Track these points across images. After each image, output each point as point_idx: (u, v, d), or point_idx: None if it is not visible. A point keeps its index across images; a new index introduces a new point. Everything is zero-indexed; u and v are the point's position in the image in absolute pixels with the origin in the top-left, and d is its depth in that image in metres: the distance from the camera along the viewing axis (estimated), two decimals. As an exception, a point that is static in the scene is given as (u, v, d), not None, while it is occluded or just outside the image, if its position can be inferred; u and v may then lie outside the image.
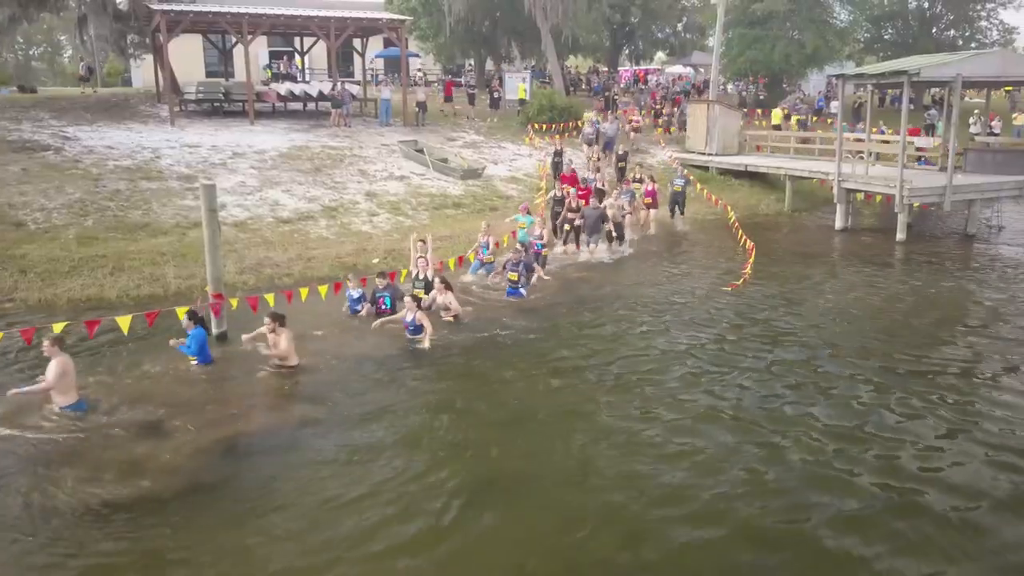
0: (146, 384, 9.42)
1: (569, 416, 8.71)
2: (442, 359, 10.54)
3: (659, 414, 8.71)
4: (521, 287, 13.25)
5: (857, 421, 8.49)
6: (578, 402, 9.09)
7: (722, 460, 7.65)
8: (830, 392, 9.33)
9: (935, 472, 7.44)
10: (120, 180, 18.90)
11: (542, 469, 7.55)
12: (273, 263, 15.22)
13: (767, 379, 9.72)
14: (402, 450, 7.86)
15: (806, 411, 8.76)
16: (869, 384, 9.54)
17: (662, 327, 11.92)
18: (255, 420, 8.64)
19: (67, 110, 25.71)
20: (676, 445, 7.96)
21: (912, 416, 8.64)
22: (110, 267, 14.20)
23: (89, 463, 7.53)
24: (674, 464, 7.57)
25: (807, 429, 8.29)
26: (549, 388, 9.53)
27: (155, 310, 10.41)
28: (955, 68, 17.77)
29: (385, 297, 12.05)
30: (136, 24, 28.53)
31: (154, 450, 7.78)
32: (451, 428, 8.45)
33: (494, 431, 8.35)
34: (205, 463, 7.63)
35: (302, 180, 20.58)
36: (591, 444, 8.01)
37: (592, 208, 16.62)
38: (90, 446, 7.87)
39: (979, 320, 12.42)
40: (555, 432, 8.32)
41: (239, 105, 27.04)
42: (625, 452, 7.82)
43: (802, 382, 9.63)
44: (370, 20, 27.64)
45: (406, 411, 8.83)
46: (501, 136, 28.34)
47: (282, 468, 7.51)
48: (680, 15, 49.72)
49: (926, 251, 17.75)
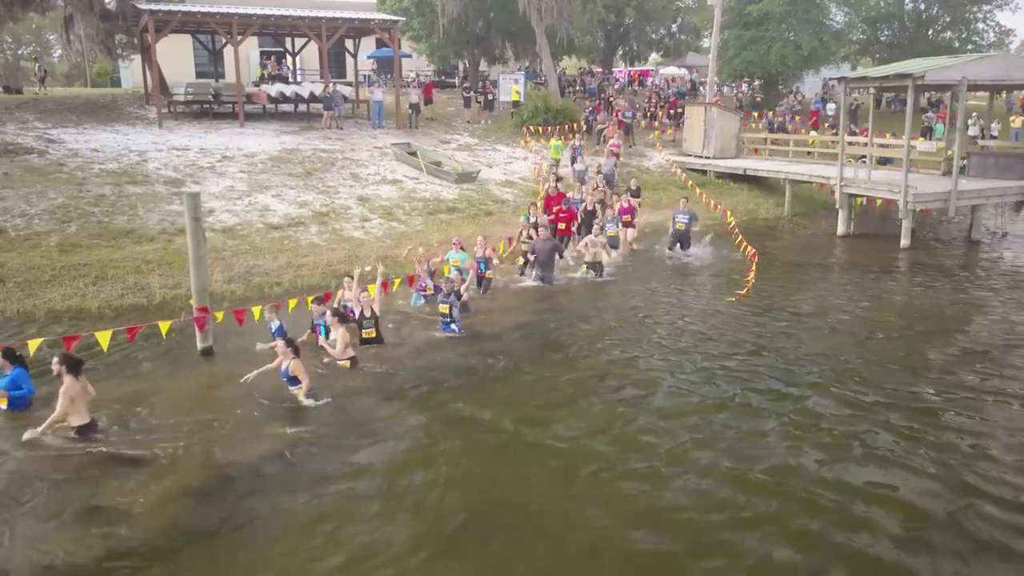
0: (126, 406, 8.87)
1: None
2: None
3: (655, 442, 8.26)
4: (454, 322, 11.48)
5: (860, 452, 8.02)
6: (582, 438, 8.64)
7: (719, 488, 7.22)
8: (843, 423, 8.84)
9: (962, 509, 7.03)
10: (105, 184, 18.40)
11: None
12: (262, 271, 14.75)
13: (775, 406, 9.25)
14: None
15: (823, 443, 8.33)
16: (886, 410, 9.10)
17: (667, 345, 11.46)
18: (233, 461, 7.82)
19: (53, 111, 25.21)
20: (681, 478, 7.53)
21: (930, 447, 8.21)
22: (93, 276, 13.71)
23: (55, 505, 6.97)
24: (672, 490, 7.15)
25: (824, 468, 7.80)
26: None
27: (136, 325, 9.94)
28: (959, 71, 17.41)
29: (320, 326, 10.67)
30: (124, 24, 28.02)
31: (134, 489, 7.20)
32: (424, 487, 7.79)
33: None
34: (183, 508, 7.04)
35: (293, 184, 20.10)
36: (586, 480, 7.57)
37: (543, 240, 14.37)
38: (61, 481, 7.32)
39: (1003, 341, 11.66)
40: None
41: (229, 107, 26.54)
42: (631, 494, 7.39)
43: (822, 415, 9.04)
44: (362, 21, 27.16)
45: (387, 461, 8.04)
46: (496, 139, 27.92)
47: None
48: (674, 16, 49.42)
49: (932, 260, 17.36)
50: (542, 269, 14.36)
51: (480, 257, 13.70)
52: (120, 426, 8.33)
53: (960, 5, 41.11)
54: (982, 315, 12.96)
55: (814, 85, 45.34)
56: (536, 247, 14.31)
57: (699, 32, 50.48)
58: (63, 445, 7.83)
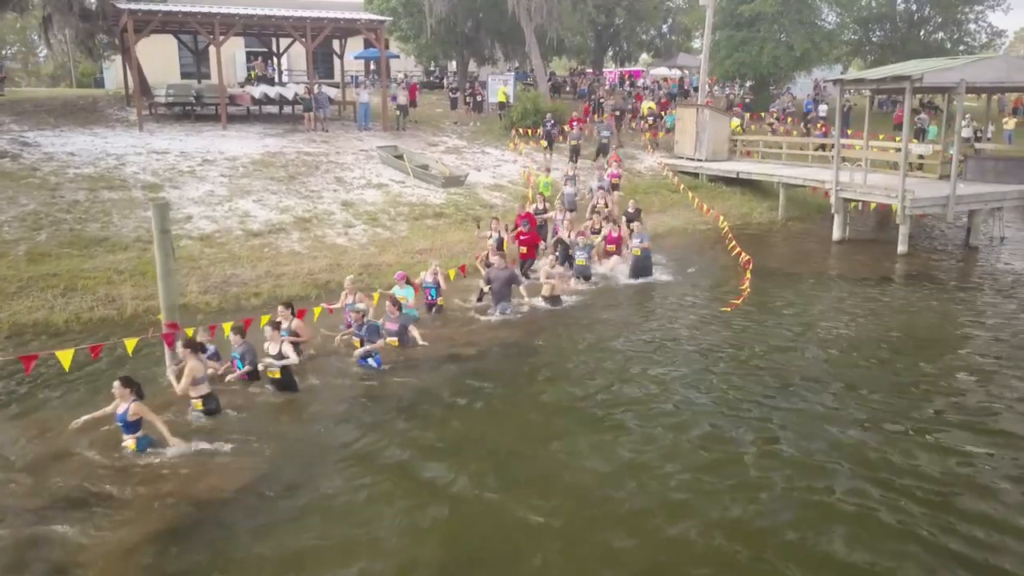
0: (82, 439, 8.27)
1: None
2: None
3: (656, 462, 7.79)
4: (371, 356, 10.33)
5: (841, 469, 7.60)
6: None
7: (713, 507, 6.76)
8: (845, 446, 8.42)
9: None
10: (80, 190, 17.80)
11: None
12: (240, 281, 14.19)
13: (774, 424, 8.82)
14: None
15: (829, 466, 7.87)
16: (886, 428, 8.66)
17: (658, 362, 10.97)
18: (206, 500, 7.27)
19: (30, 114, 24.60)
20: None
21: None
22: (62, 287, 13.13)
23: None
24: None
25: (826, 495, 7.37)
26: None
27: (100, 343, 9.40)
28: (958, 73, 17.01)
29: (238, 359, 9.68)
30: (104, 24, 27.40)
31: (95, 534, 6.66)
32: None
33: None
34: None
35: (275, 189, 19.54)
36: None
37: (500, 270, 12.74)
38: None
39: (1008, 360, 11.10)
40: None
41: (212, 108, 25.95)
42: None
43: (820, 435, 8.70)
44: (347, 21, 26.60)
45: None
46: (484, 141, 27.39)
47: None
48: (665, 17, 49.02)
49: (930, 267, 16.90)
50: (498, 300, 12.77)
51: (430, 283, 12.70)
52: (74, 462, 7.77)
53: (952, 6, 40.81)
54: (988, 330, 12.47)
55: (805, 86, 45.08)
56: (491, 276, 12.80)
57: (690, 33, 50.09)
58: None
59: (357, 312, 10.65)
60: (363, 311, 10.71)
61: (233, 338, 9.73)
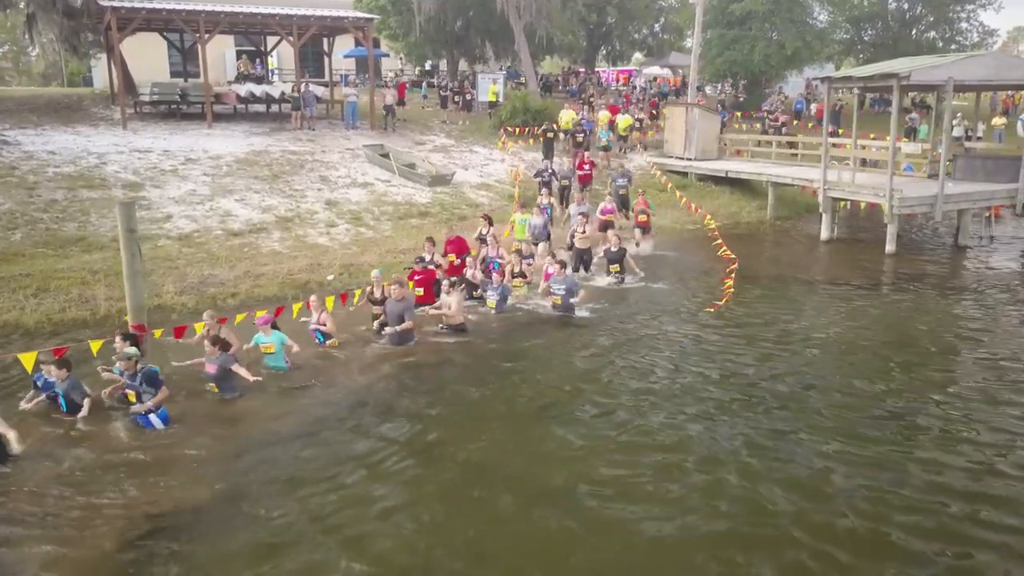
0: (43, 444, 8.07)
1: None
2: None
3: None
4: (153, 413, 8.35)
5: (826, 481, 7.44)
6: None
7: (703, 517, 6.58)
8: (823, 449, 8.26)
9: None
10: (58, 189, 17.57)
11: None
12: (218, 281, 13.97)
13: (767, 435, 8.65)
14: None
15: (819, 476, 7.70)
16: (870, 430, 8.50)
17: (642, 365, 10.79)
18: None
19: (13, 112, 24.29)
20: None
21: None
22: (34, 287, 12.90)
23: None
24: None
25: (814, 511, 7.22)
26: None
27: (64, 346, 9.18)
28: (946, 71, 16.87)
29: (59, 392, 8.42)
30: (89, 21, 27.12)
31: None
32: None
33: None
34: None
35: (258, 188, 19.33)
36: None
37: (395, 301, 11.18)
38: None
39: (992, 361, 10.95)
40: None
41: (198, 107, 25.70)
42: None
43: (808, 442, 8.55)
44: (335, 19, 26.38)
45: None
46: (472, 140, 27.19)
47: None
48: (657, 15, 48.84)
49: (918, 267, 16.69)
50: (391, 342, 11.21)
51: (316, 327, 11.03)
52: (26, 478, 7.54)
53: (944, 5, 40.75)
54: (973, 332, 12.32)
55: (797, 85, 44.97)
56: (387, 308, 11.40)
57: (682, 32, 49.90)
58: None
59: (128, 360, 8.53)
60: (135, 356, 8.59)
61: (54, 369, 8.46)
